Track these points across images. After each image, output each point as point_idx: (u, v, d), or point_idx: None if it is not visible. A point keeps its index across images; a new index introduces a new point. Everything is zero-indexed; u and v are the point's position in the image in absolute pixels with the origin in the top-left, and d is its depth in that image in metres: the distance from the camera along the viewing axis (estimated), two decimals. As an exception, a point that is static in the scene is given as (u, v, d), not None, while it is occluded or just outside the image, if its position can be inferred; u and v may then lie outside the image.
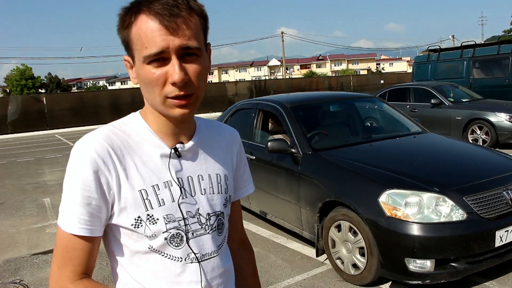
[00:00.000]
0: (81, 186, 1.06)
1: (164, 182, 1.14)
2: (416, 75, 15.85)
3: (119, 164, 1.10)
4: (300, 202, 4.52)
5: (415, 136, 5.23)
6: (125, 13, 1.09)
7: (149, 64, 1.05)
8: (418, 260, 3.47)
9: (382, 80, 39.30)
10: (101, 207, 1.09)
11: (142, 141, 1.16)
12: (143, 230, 1.11)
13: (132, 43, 1.08)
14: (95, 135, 1.12)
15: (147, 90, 1.10)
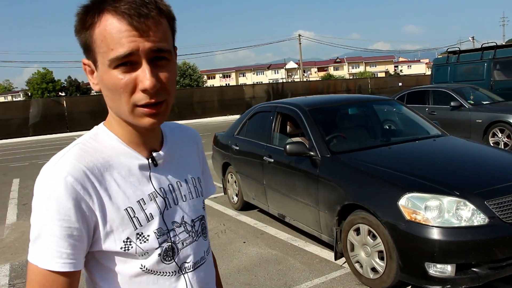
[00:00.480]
0: (59, 216, 0.94)
1: (148, 195, 1.06)
2: (435, 78, 15.68)
3: (98, 185, 0.99)
4: (319, 205, 4.50)
5: (434, 139, 5.18)
6: (86, 12, 0.97)
7: (116, 69, 0.95)
8: (438, 265, 3.43)
9: (400, 83, 38.99)
10: (83, 237, 0.97)
11: (117, 155, 1.04)
12: (134, 251, 1.03)
13: (94, 45, 0.97)
14: (66, 157, 0.99)
15: (113, 98, 0.99)
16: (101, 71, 0.98)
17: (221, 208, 7.02)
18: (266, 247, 5.19)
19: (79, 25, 0.98)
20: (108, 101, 1.02)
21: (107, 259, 1.04)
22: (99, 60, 0.97)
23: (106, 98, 1.01)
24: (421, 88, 12.61)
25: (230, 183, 6.94)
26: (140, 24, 0.93)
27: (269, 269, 4.55)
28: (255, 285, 4.22)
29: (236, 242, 5.42)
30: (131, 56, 0.94)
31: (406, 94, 12.30)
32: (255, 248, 5.19)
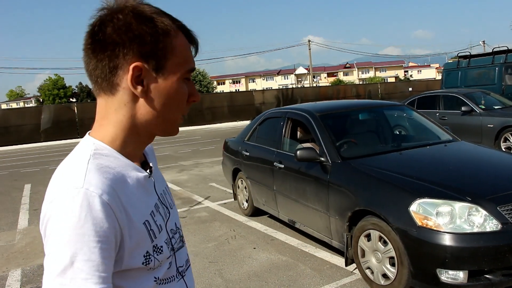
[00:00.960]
0: (98, 238, 0.88)
1: (155, 206, 1.08)
2: (445, 82, 15.60)
3: (124, 201, 0.96)
4: (329, 211, 4.49)
5: (445, 144, 5.15)
6: (157, 18, 1.01)
7: (183, 81, 1.05)
8: (450, 271, 3.41)
9: (411, 88, 38.84)
10: (113, 257, 0.93)
11: (124, 169, 1.02)
12: (153, 264, 1.02)
13: (171, 52, 1.01)
14: (93, 174, 0.94)
15: (172, 106, 1.04)
16: (169, 80, 1.02)
17: (231, 214, 7.02)
18: (276, 253, 5.18)
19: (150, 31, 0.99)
20: (161, 109, 1.03)
21: (123, 279, 0.98)
22: (168, 68, 1.01)
23: (160, 106, 1.03)
24: (432, 93, 12.54)
25: (240, 189, 6.95)
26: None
27: (280, 275, 4.54)
28: (266, 291, 4.21)
29: (246, 248, 5.42)
30: (192, 72, 1.08)
31: (417, 99, 12.25)
32: (265, 254, 5.18)
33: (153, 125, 1.05)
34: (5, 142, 25.14)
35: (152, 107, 1.02)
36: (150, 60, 0.99)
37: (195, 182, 10.00)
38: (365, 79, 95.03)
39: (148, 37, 0.98)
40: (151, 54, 0.99)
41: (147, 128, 1.06)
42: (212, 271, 4.79)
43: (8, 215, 8.16)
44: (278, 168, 5.55)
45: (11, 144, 25.05)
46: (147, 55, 0.99)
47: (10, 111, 30.45)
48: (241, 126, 25.38)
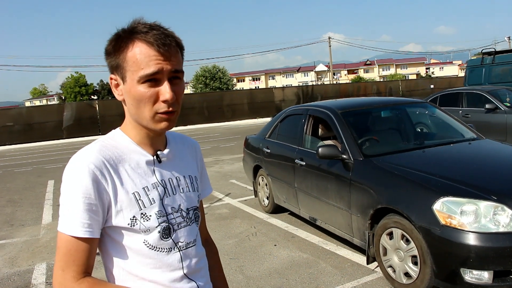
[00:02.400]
0: (82, 194, 1.21)
1: (152, 184, 1.34)
2: (469, 79, 15.35)
3: (113, 173, 1.27)
4: (351, 208, 4.47)
5: (470, 142, 5.07)
6: (118, 39, 1.26)
7: (143, 84, 1.24)
8: (474, 271, 3.36)
9: (432, 85, 38.36)
10: (99, 212, 1.24)
11: (129, 152, 1.33)
12: (138, 227, 1.28)
13: (125, 64, 1.25)
14: (90, 150, 1.28)
15: (138, 106, 1.27)
16: (129, 85, 1.27)
17: (252, 210, 7.04)
18: (297, 250, 5.18)
19: (112, 49, 1.28)
20: (132, 109, 1.30)
21: (116, 233, 1.29)
22: (128, 77, 1.26)
23: (131, 106, 1.29)
24: (455, 90, 12.34)
25: (261, 186, 6.96)
26: (165, 52, 1.24)
27: (300, 273, 4.54)
28: (287, 288, 4.22)
29: (267, 245, 5.43)
30: (156, 74, 1.23)
31: (439, 96, 12.07)
32: (286, 251, 5.18)
33: (138, 121, 1.31)
34: (29, 139, 25.64)
35: (129, 107, 1.31)
36: (116, 72, 1.30)
37: (215, 179, 10.04)
38: (386, 76, 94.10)
39: (111, 55, 1.29)
40: (117, 67, 1.28)
41: (138, 122, 1.32)
42: (233, 267, 4.81)
43: (33, 210, 8.32)
44: (300, 165, 5.54)
45: (35, 141, 25.53)
46: (114, 68, 1.30)
47: (33, 109, 30.93)
48: (261, 123, 25.38)
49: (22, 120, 26.24)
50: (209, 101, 31.55)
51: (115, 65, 1.28)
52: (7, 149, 23.34)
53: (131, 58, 1.24)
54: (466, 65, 16.82)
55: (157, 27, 1.27)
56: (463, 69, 18.98)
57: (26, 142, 25.45)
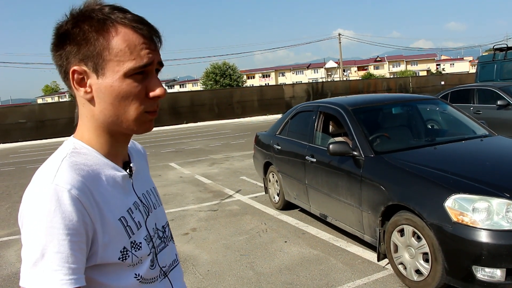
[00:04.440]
0: (67, 231, 0.91)
1: (133, 204, 1.11)
2: (480, 76, 15.21)
3: (97, 197, 0.99)
4: (362, 205, 4.47)
5: (482, 139, 5.04)
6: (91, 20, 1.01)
7: (130, 78, 1.01)
8: (487, 269, 3.34)
9: (443, 81, 38.08)
10: (85, 251, 0.95)
11: (101, 168, 1.06)
12: (130, 260, 1.04)
13: (106, 53, 1.00)
14: (65, 171, 0.97)
15: (120, 105, 1.03)
16: (109, 78, 1.01)
17: (262, 207, 7.05)
18: (307, 246, 5.18)
19: (79, 32, 1.00)
20: (110, 108, 1.04)
21: (102, 274, 1.01)
22: (108, 68, 1.01)
23: (108, 106, 1.03)
24: (466, 86, 12.24)
25: (271, 183, 6.97)
26: (153, 39, 1.05)
27: (311, 269, 4.55)
28: (297, 285, 4.22)
29: (277, 242, 5.44)
30: (148, 67, 1.03)
31: (450, 93, 12.00)
32: (296, 247, 5.19)
33: (114, 124, 1.06)
34: (41, 135, 25.95)
35: (103, 106, 1.04)
36: (88, 62, 1.01)
37: (226, 175, 10.07)
38: (396, 73, 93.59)
39: (81, 40, 1.01)
40: (88, 56, 1.01)
41: (111, 127, 1.07)
42: (243, 264, 4.83)
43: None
44: (310, 162, 5.54)
45: (47, 138, 25.80)
46: (84, 57, 1.01)
47: (46, 106, 31.24)
48: (271, 120, 25.39)
49: (34, 117, 26.50)
50: (219, 98, 31.60)
51: (84, 53, 1.00)
52: (19, 146, 23.56)
53: (116, 46, 1.00)
54: (477, 61, 16.65)
55: (126, 9, 1.05)
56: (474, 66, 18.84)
57: (38, 139, 25.72)
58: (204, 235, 5.91)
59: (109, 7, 1.03)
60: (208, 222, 6.48)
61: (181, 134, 22.56)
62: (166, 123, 28.66)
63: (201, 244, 5.54)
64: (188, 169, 11.30)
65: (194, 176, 10.35)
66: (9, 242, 6.23)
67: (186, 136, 21.24)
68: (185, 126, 28.41)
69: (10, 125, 25.81)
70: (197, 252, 5.28)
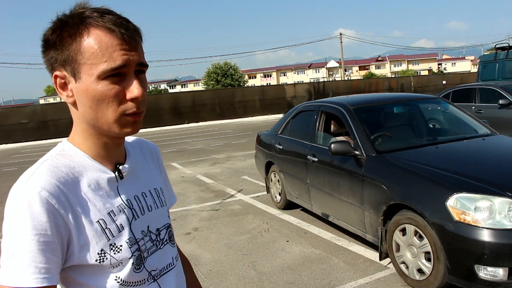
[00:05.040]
0: (35, 231, 0.93)
1: (117, 207, 1.10)
2: (481, 75, 15.20)
3: (72, 199, 1.01)
4: (364, 204, 4.47)
5: (483, 138, 5.04)
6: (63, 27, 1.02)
7: (104, 80, 1.00)
8: (489, 268, 3.34)
9: (444, 81, 38.03)
10: (58, 251, 0.97)
11: (85, 170, 1.07)
12: (109, 262, 1.05)
13: (79, 57, 1.00)
14: (38, 173, 1.01)
15: (97, 108, 1.03)
16: (85, 82, 1.01)
17: (264, 207, 7.06)
18: (309, 246, 5.19)
19: (56, 38, 1.01)
20: (90, 112, 1.04)
21: (81, 275, 1.04)
22: (83, 72, 1.01)
23: (88, 109, 1.04)
24: (468, 86, 12.23)
25: (273, 182, 6.97)
26: (130, 39, 1.02)
27: (313, 268, 4.55)
28: (299, 284, 4.23)
29: (279, 241, 5.44)
30: (123, 68, 1.01)
31: (451, 92, 11.99)
32: (298, 247, 5.20)
33: (96, 127, 1.07)
34: (43, 136, 25.98)
35: (84, 110, 1.05)
36: (66, 66, 1.02)
37: (227, 175, 10.08)
38: (398, 72, 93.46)
39: (56, 47, 1.02)
40: (65, 61, 1.02)
41: (96, 129, 1.08)
42: (245, 263, 4.83)
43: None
44: (312, 162, 5.54)
45: (49, 138, 25.81)
46: (63, 62, 1.02)
47: (48, 106, 31.23)
48: (272, 119, 25.39)
49: (36, 118, 26.53)
50: (220, 98, 31.61)
51: (62, 59, 1.02)
52: (22, 146, 23.61)
53: (88, 49, 0.99)
54: (479, 60, 16.63)
55: (110, 11, 1.04)
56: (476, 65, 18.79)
57: (41, 139, 25.75)
58: (206, 235, 5.92)
59: (90, 10, 1.02)
60: (210, 222, 6.49)
61: (183, 134, 22.58)
62: (167, 123, 28.70)
63: (203, 244, 5.55)
64: (190, 169, 11.31)
65: (196, 175, 10.36)
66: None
67: (187, 136, 21.26)
68: (186, 126, 28.42)
69: (12, 125, 25.86)
70: (199, 252, 5.28)
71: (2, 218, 0.96)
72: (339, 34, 51.19)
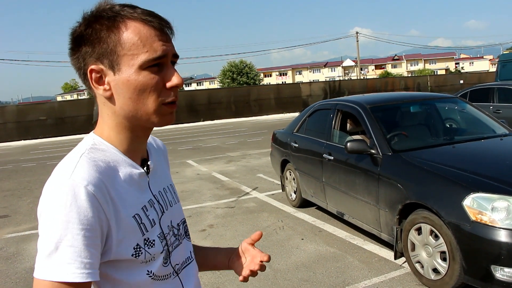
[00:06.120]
0: (81, 226, 0.93)
1: (148, 201, 1.12)
2: (500, 74, 15.03)
3: (112, 193, 1.01)
4: (379, 203, 4.47)
5: (501, 138, 5.00)
6: (101, 19, 1.04)
7: (146, 70, 1.03)
8: (506, 269, 3.32)
9: (462, 80, 37.60)
10: (99, 246, 0.98)
11: (118, 164, 1.08)
12: (143, 256, 1.06)
13: (119, 48, 1.02)
14: (82, 167, 1.00)
15: (138, 99, 1.04)
16: (126, 73, 1.02)
17: (279, 204, 7.08)
18: (324, 244, 5.20)
19: (92, 32, 1.03)
20: (130, 104, 1.05)
21: (115, 270, 1.04)
22: (123, 63, 1.02)
23: (128, 101, 1.05)
24: (486, 85, 12.10)
25: (288, 180, 6.99)
26: (165, 31, 1.05)
27: (327, 266, 4.57)
28: (314, 282, 4.25)
29: (294, 239, 5.46)
30: (162, 59, 1.04)
31: (469, 91, 11.88)
32: (313, 245, 5.21)
33: (135, 118, 1.07)
34: (61, 132, 26.30)
35: (123, 102, 1.05)
36: (104, 59, 1.03)
37: (243, 173, 10.12)
38: (414, 72, 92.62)
39: (95, 39, 1.03)
40: (103, 54, 1.03)
41: (132, 122, 1.09)
42: (260, 260, 4.85)
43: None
44: (328, 160, 5.55)
45: (66, 135, 26.11)
46: (99, 55, 1.03)
47: (65, 103, 31.66)
48: (287, 118, 25.37)
49: (54, 114, 26.89)
50: (236, 96, 31.67)
51: (100, 52, 1.03)
52: (40, 142, 23.93)
53: (128, 40, 1.01)
54: (497, 59, 16.43)
55: (136, 6, 1.07)
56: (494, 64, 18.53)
57: (58, 136, 26.08)
58: (221, 232, 5.96)
59: (119, 5, 1.05)
60: (225, 219, 6.53)
61: (198, 131, 22.68)
62: (183, 120, 28.82)
63: (218, 241, 5.59)
64: (205, 166, 11.37)
65: (211, 173, 10.42)
66: (31, 236, 6.37)
67: (203, 133, 21.35)
68: (202, 124, 28.53)
69: (31, 122, 26.22)
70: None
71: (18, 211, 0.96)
72: (356, 33, 50.95)
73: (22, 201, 8.90)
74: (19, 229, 6.82)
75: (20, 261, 5.40)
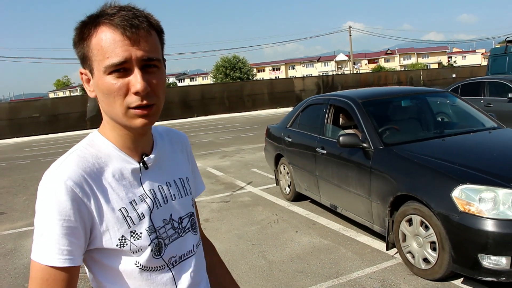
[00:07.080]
0: (60, 217, 1.04)
1: (139, 196, 1.17)
2: (491, 68, 15.13)
3: (95, 188, 1.10)
4: (371, 196, 4.57)
5: (490, 131, 5.11)
6: (83, 26, 1.09)
7: (110, 75, 1.06)
8: (492, 257, 3.44)
9: (454, 74, 37.77)
10: (81, 235, 1.08)
11: (111, 160, 1.16)
12: (128, 247, 1.14)
13: (91, 54, 1.08)
14: (67, 163, 1.10)
15: (108, 102, 1.10)
16: (97, 77, 1.09)
17: (273, 198, 7.18)
18: (318, 236, 5.30)
19: (77, 38, 1.11)
20: (104, 105, 1.13)
21: (104, 257, 1.15)
22: (95, 68, 1.08)
23: (102, 103, 1.13)
24: (477, 79, 12.21)
25: (282, 174, 7.08)
26: (132, 35, 1.05)
27: (321, 258, 4.67)
28: (308, 273, 4.35)
29: (288, 232, 5.56)
30: (125, 64, 1.06)
31: (460, 85, 11.98)
32: (307, 237, 5.31)
33: (113, 119, 1.14)
34: (54, 129, 26.21)
35: (101, 103, 1.14)
36: (85, 64, 1.12)
37: (237, 167, 10.21)
38: (407, 66, 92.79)
39: (77, 46, 1.12)
40: (83, 59, 1.12)
41: (116, 121, 1.15)
42: (255, 253, 4.96)
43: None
44: (321, 154, 5.65)
45: (59, 132, 26.07)
46: (82, 60, 1.12)
47: (58, 100, 31.54)
48: (281, 113, 25.45)
49: (47, 111, 26.75)
50: (229, 91, 31.68)
51: (81, 56, 1.12)
52: (33, 140, 23.86)
53: (95, 46, 1.07)
54: (489, 53, 16.55)
55: (127, 7, 1.09)
56: (487, 58, 18.64)
57: (51, 133, 26.00)
58: (216, 226, 6.06)
59: (113, 8, 1.09)
60: (220, 213, 6.62)
61: (192, 127, 22.70)
62: (176, 116, 28.83)
63: (214, 234, 5.68)
64: (200, 162, 11.44)
65: (206, 168, 10.49)
66: (28, 232, 6.43)
67: (197, 129, 21.37)
68: (195, 120, 28.54)
69: (23, 119, 26.09)
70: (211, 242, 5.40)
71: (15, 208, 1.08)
72: (348, 27, 51.03)
73: (18, 198, 8.94)
74: (16, 225, 6.87)
75: (19, 257, 5.46)
